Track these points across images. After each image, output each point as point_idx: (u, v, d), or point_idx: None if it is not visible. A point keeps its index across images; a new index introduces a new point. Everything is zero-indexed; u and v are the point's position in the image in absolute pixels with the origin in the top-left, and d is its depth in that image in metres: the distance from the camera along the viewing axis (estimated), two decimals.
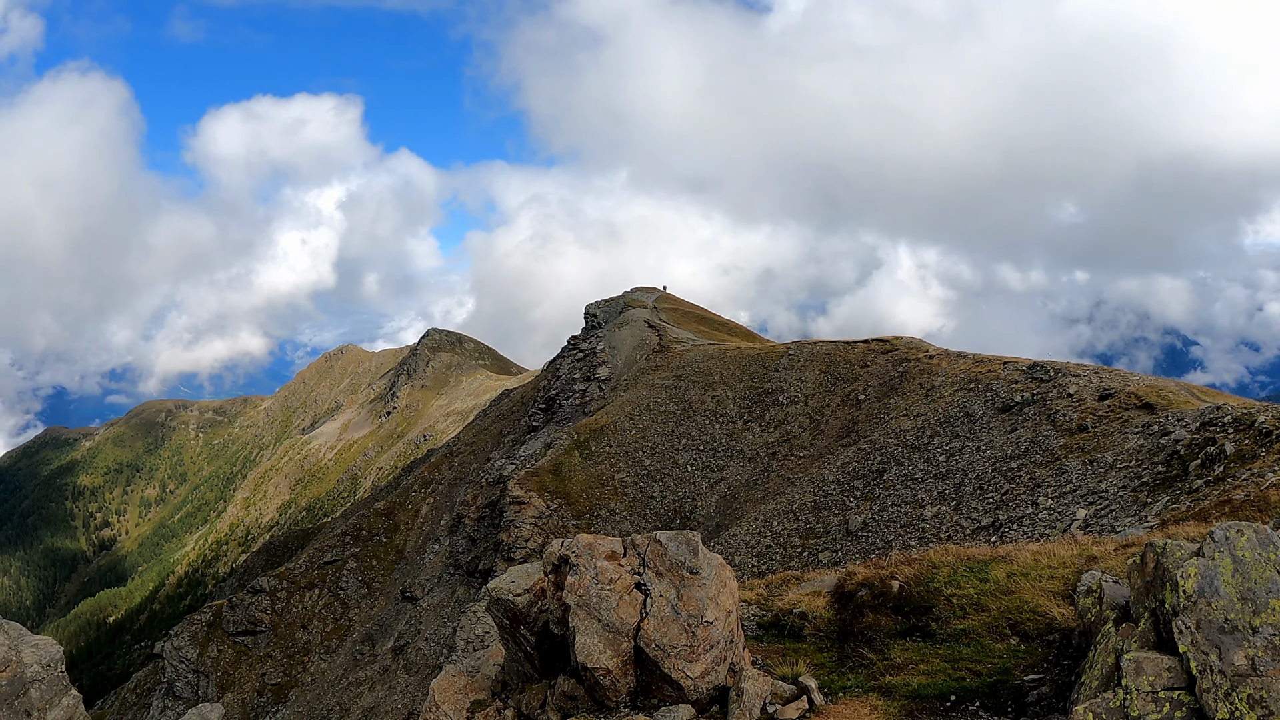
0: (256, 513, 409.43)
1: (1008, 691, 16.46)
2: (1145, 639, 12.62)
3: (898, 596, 20.88)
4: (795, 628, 21.51)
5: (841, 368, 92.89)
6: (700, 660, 16.40)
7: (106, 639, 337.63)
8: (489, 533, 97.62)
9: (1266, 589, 11.67)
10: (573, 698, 17.30)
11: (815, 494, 74.43)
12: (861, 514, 67.16)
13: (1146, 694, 11.64)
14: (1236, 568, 11.95)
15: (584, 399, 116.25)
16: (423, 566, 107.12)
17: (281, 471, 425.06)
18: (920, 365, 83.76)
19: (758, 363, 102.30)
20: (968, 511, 57.74)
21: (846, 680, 18.29)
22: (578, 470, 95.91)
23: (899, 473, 68.69)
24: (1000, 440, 63.39)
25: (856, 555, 60.80)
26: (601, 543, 17.79)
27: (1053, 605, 19.36)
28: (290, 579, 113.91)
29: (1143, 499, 44.07)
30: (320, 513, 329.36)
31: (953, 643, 18.94)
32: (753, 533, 74.88)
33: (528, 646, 18.88)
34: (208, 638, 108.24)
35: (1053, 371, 68.36)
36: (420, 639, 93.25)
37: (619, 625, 16.54)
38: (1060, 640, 17.89)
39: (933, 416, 72.82)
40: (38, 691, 16.99)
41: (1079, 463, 53.24)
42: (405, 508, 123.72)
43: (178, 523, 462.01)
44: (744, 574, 65.92)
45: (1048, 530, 46.53)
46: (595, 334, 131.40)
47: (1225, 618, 11.56)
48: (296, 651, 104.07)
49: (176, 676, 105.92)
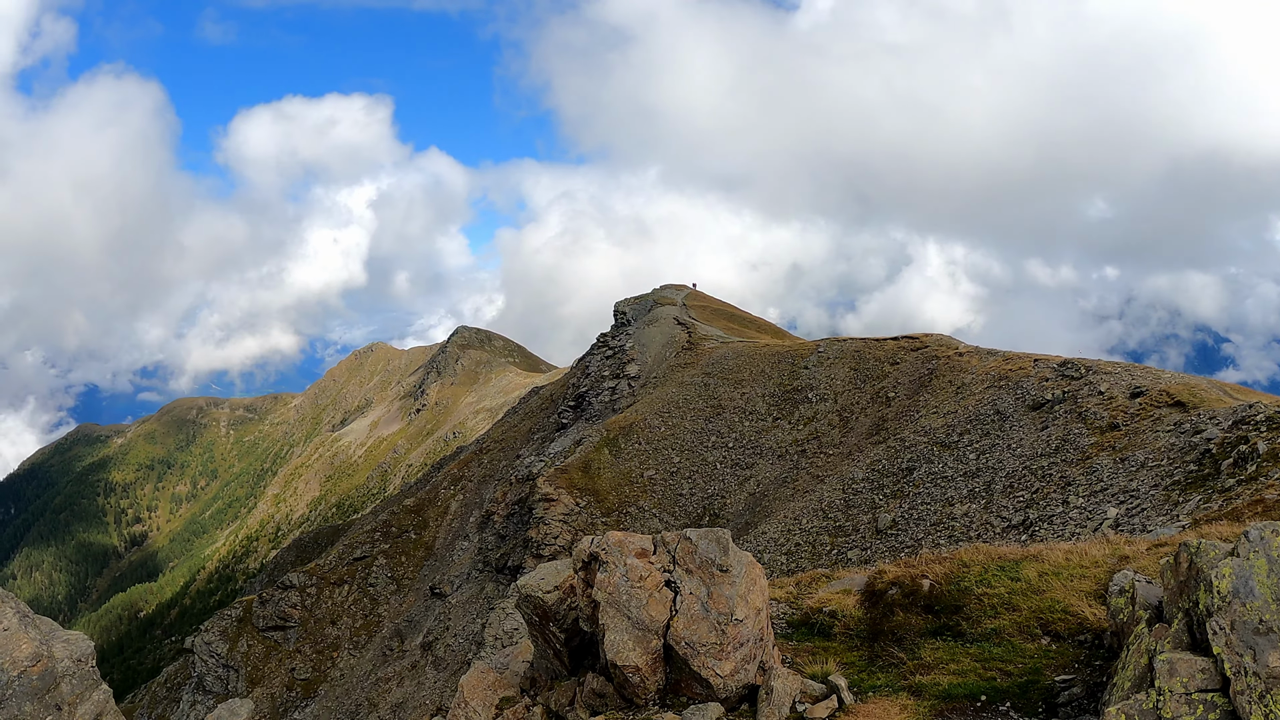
0: (287, 509, 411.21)
1: (1039, 692, 16.38)
2: (1179, 640, 12.53)
3: (928, 595, 20.80)
4: (825, 626, 21.45)
5: (871, 365, 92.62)
6: (730, 658, 16.37)
7: (137, 633, 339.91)
8: (518, 529, 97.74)
9: None
10: (601, 695, 17.30)
11: (844, 492, 74.24)
12: (891, 512, 66.95)
13: (1180, 696, 11.55)
14: (1271, 568, 11.83)
15: (613, 396, 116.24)
16: (452, 563, 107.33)
17: (312, 468, 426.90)
18: (950, 363, 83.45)
19: (787, 360, 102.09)
20: (998, 510, 57.48)
21: (876, 679, 18.23)
22: (607, 467, 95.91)
23: (929, 470, 68.46)
24: (1031, 438, 63.08)
25: (886, 553, 60.62)
26: (631, 540, 17.77)
27: (1084, 605, 19.25)
28: (320, 575, 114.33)
29: (1174, 498, 43.77)
30: (350, 509, 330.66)
31: (983, 642, 18.86)
32: (782, 530, 74.74)
33: (557, 643, 18.90)
34: (238, 633, 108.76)
35: (1084, 369, 67.99)
36: (449, 635, 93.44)
37: (648, 623, 16.53)
38: (1092, 641, 17.80)
39: (963, 414, 72.52)
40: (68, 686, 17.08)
41: (1110, 461, 52.93)
42: (435, 504, 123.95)
43: (209, 519, 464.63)
44: (773, 572, 65.79)
45: (1079, 529, 46.28)
46: (624, 331, 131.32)
47: (1260, 619, 11.44)
48: (326, 647, 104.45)
49: (206, 671, 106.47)
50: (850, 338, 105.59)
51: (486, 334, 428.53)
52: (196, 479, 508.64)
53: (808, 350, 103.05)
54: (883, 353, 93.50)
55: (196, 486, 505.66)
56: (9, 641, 16.05)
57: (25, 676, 15.88)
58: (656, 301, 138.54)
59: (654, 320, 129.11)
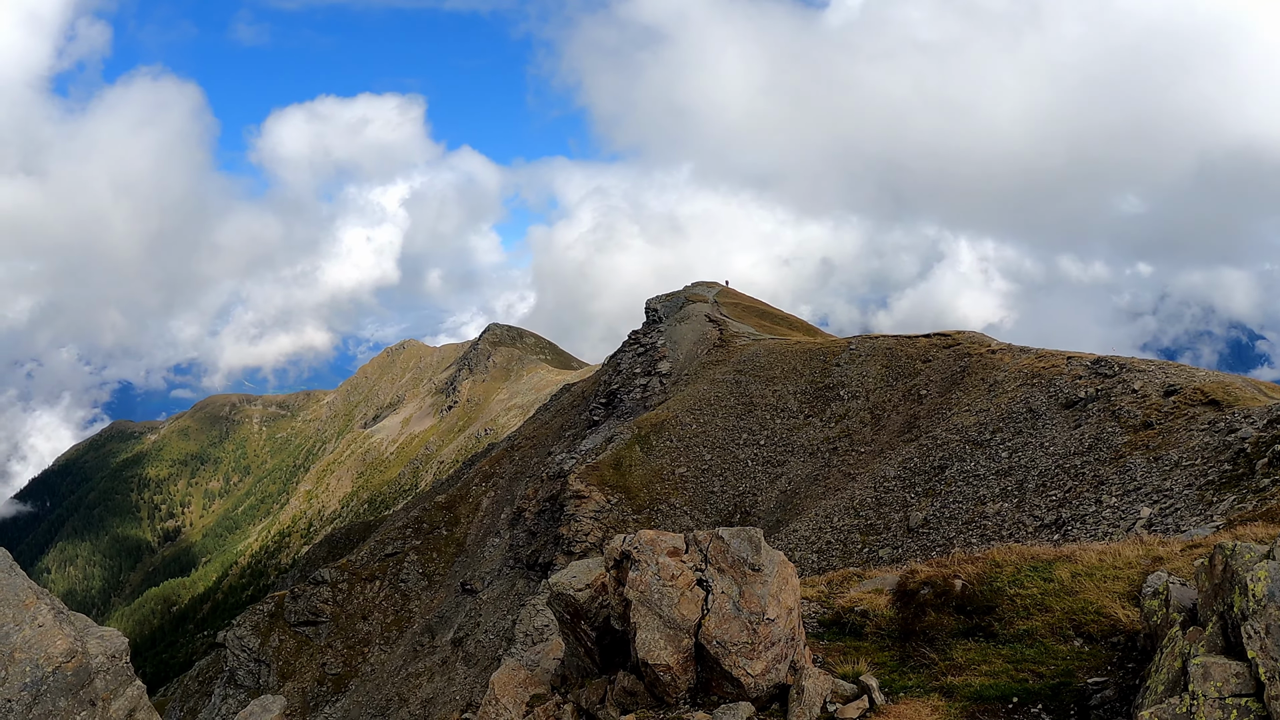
0: (319, 505, 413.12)
1: (1070, 694, 16.33)
2: (1213, 643, 12.46)
3: (960, 596, 20.76)
4: (857, 626, 21.43)
5: (903, 362, 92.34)
6: (761, 658, 16.38)
7: (170, 627, 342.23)
8: (549, 526, 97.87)
9: None
10: (632, 693, 17.33)
11: (876, 490, 74.05)
12: (923, 510, 66.75)
13: (1214, 700, 11.48)
14: None
15: (645, 393, 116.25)
16: (483, 559, 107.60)
17: (344, 464, 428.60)
18: (982, 360, 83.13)
19: (819, 357, 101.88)
20: (1030, 509, 57.23)
21: (908, 680, 18.22)
22: (638, 465, 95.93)
23: (961, 469, 68.22)
24: (1064, 437, 62.77)
25: (917, 552, 60.45)
26: (663, 539, 17.79)
27: (1117, 607, 19.19)
28: (351, 570, 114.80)
29: (1208, 498, 43.50)
30: (381, 505, 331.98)
31: (1016, 643, 18.83)
32: (813, 528, 74.60)
33: (588, 641, 18.94)
34: (269, 627, 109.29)
35: (1117, 367, 67.63)
36: (479, 631, 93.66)
37: (680, 622, 16.55)
38: (1125, 643, 17.73)
39: (995, 412, 72.23)
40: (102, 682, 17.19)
41: (1143, 460, 52.64)
42: (466, 501, 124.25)
43: (241, 514, 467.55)
44: (804, 570, 65.70)
45: (1111, 529, 46.04)
46: (656, 328, 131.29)
47: None
48: (357, 642, 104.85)
49: (238, 665, 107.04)
50: (882, 335, 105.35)
51: (518, 331, 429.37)
52: (229, 475, 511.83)
53: (839, 347, 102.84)
54: (915, 350, 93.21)
55: (229, 482, 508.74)
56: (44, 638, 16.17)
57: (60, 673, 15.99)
58: (688, 299, 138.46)
59: (686, 317, 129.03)
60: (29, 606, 16.44)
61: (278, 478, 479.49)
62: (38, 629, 16.23)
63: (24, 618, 16.20)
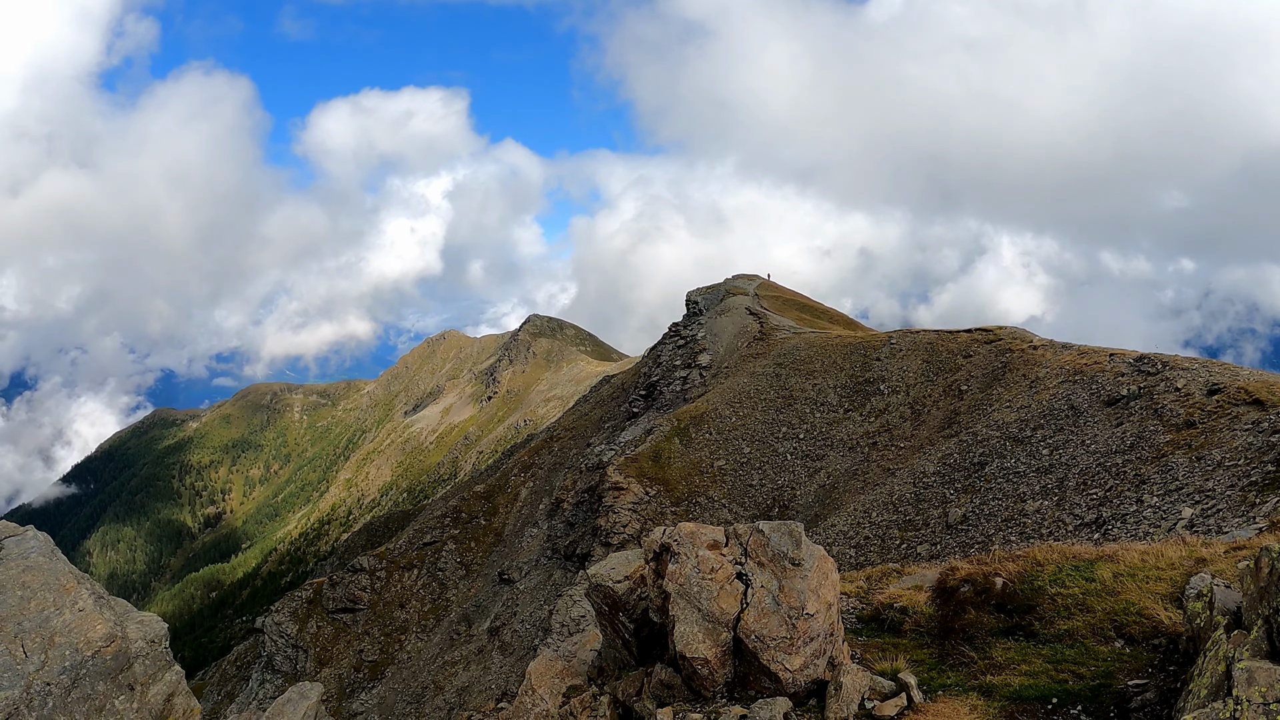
0: (358, 493, 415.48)
1: (1110, 696, 16.22)
2: (1258, 648, 12.34)
3: (1000, 594, 20.65)
4: (895, 623, 21.37)
5: (944, 357, 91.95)
6: (799, 653, 16.34)
7: (209, 612, 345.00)
8: (587, 517, 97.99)
9: None
10: (669, 686, 17.32)
11: (915, 485, 73.80)
12: (962, 507, 66.46)
13: (1258, 705, 11.35)
14: None
15: (685, 385, 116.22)
16: (520, 549, 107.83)
17: (383, 454, 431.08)
18: (1024, 356, 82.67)
19: (859, 351, 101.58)
20: (1070, 507, 56.89)
21: (946, 678, 18.14)
22: (677, 457, 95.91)
23: (1000, 466, 67.88)
24: (1105, 435, 62.35)
25: (955, 549, 60.22)
26: (703, 532, 17.78)
27: (1159, 608, 19.05)
28: (390, 559, 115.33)
29: (1251, 499, 43.12)
30: (420, 494, 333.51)
31: (1056, 643, 18.73)
32: (851, 523, 74.43)
33: (625, 633, 18.95)
34: (307, 614, 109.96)
35: (1160, 364, 67.11)
36: (516, 621, 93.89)
37: (718, 615, 16.53)
38: (1166, 645, 17.59)
39: (1036, 409, 71.83)
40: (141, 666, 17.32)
41: (1185, 460, 52.23)
42: (505, 491, 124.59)
43: (281, 502, 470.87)
44: (841, 565, 65.59)
45: (1152, 529, 45.72)
46: (696, 321, 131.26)
47: None
48: (394, 630, 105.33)
49: (276, 651, 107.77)
50: (923, 330, 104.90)
51: (558, 322, 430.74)
52: (270, 463, 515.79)
53: (880, 342, 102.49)
54: (955, 345, 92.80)
55: (270, 470, 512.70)
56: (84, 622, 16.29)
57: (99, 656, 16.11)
58: (728, 291, 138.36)
59: (726, 310, 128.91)
60: (69, 591, 16.57)
61: (318, 466, 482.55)
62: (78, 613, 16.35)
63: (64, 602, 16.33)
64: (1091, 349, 78.60)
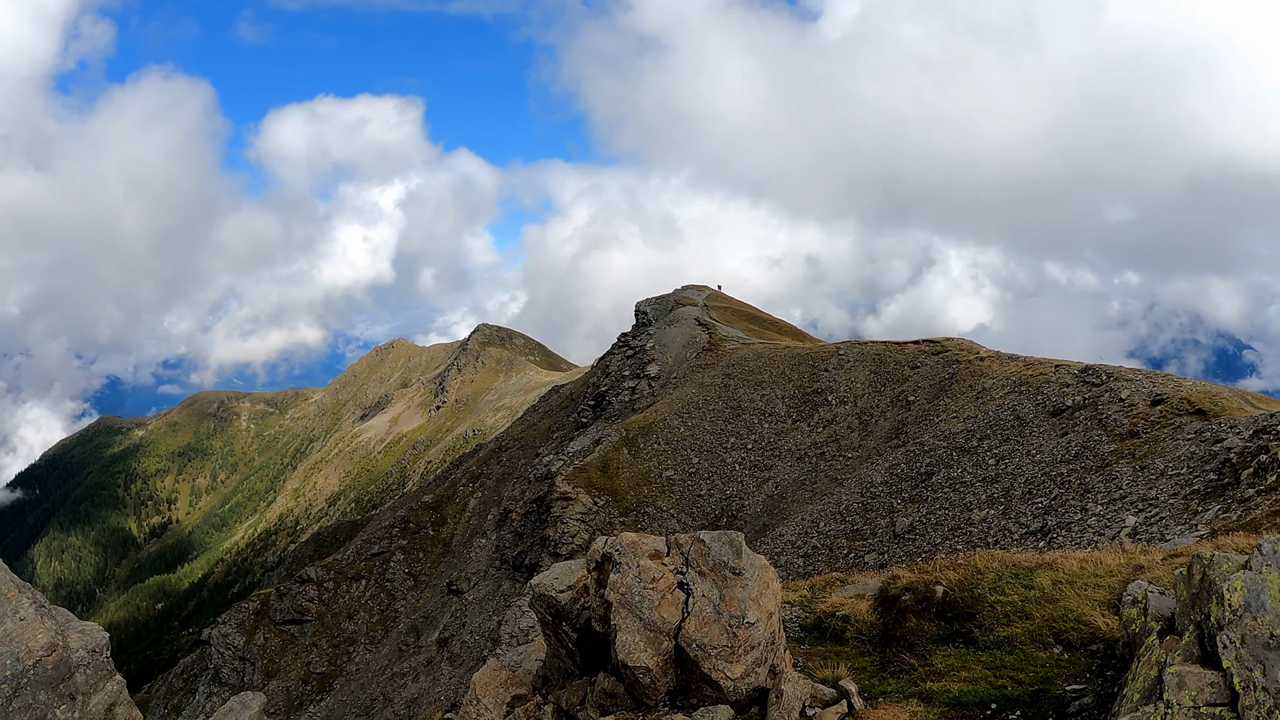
0: (305, 503, 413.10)
1: (1049, 701, 16.36)
2: (1189, 653, 12.49)
3: (941, 602, 20.80)
4: (837, 630, 21.49)
5: (891, 368, 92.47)
6: (740, 661, 16.39)
7: (155, 624, 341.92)
8: (535, 528, 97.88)
9: None
10: (612, 695, 17.33)
11: (863, 495, 74.17)
12: (909, 516, 66.85)
13: (1188, 709, 11.50)
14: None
15: (633, 396, 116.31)
16: (469, 560, 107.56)
17: (331, 463, 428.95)
18: (971, 367, 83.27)
19: (807, 362, 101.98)
20: (1016, 516, 57.35)
21: (887, 685, 18.26)
22: (625, 467, 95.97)
23: (947, 475, 68.34)
24: (1050, 444, 62.90)
25: (903, 558, 60.55)
26: (645, 541, 17.82)
27: (1098, 615, 19.24)
28: (337, 569, 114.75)
29: (1193, 507, 43.62)
30: (369, 504, 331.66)
31: (995, 650, 18.88)
32: (799, 533, 74.71)
33: (569, 643, 18.95)
34: (254, 625, 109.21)
35: (1105, 375, 67.75)
36: (465, 632, 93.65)
37: (660, 624, 16.56)
38: (1104, 651, 17.77)
39: (982, 419, 72.38)
40: (83, 676, 17.16)
41: (1129, 469, 52.76)
42: (453, 501, 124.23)
43: (228, 511, 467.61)
44: (790, 574, 65.78)
45: (1096, 537, 46.15)
46: (645, 331, 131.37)
47: (1271, 634, 11.38)
48: (342, 641, 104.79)
49: (223, 663, 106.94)
50: (871, 340, 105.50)
51: (508, 331, 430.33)
52: (217, 472, 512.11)
53: (828, 353, 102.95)
54: (903, 356, 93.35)
55: (217, 479, 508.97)
56: (25, 631, 16.14)
57: (40, 666, 15.96)
58: (678, 301, 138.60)
59: (675, 320, 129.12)
60: (10, 599, 16.41)
61: (265, 475, 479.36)
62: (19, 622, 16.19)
63: (5, 610, 16.17)
64: (1037, 360, 79.31)
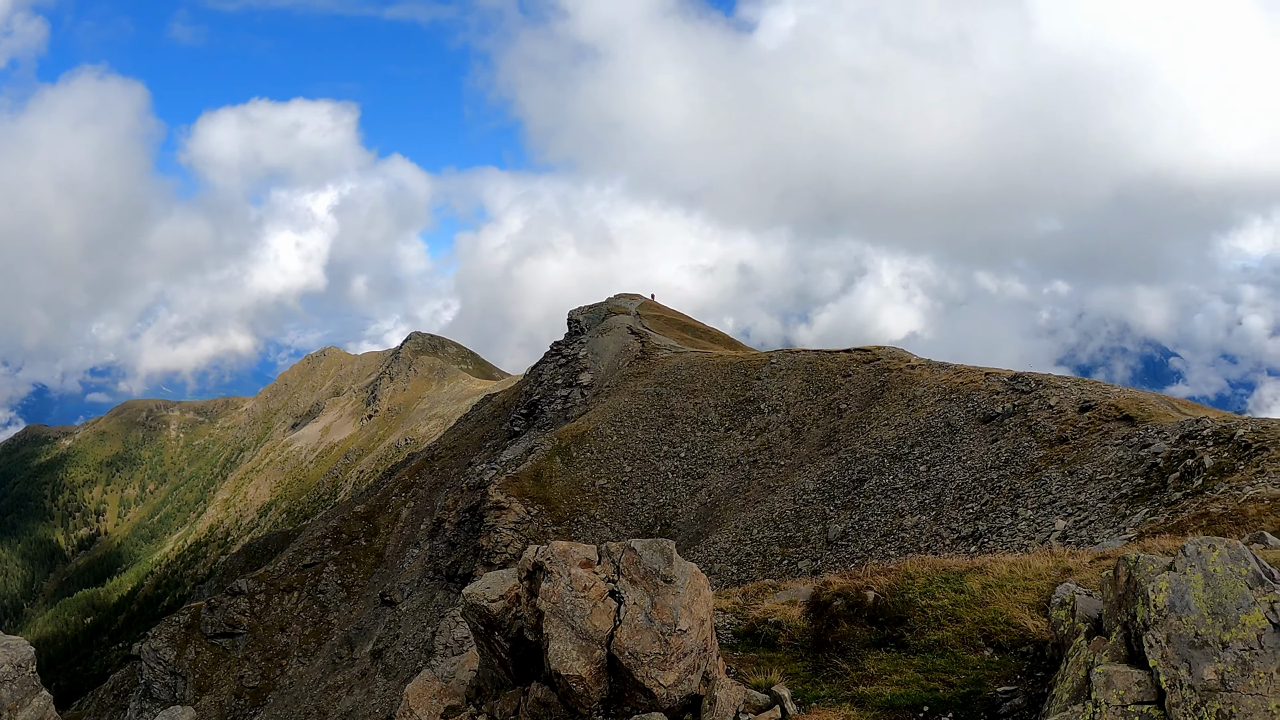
0: (236, 514, 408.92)
1: (980, 703, 16.47)
2: (1116, 652, 12.63)
3: (872, 607, 20.92)
4: (770, 637, 21.51)
5: (823, 377, 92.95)
6: (673, 668, 16.36)
7: (84, 639, 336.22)
8: (469, 538, 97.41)
9: (1237, 604, 11.68)
10: (545, 704, 17.25)
11: (795, 502, 74.45)
12: (841, 523, 67.19)
13: (1116, 708, 11.63)
14: (1208, 582, 11.96)
15: (566, 405, 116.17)
16: (402, 571, 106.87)
17: (262, 473, 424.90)
18: (902, 375, 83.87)
19: (740, 371, 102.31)
20: (948, 521, 57.79)
21: (820, 690, 18.30)
22: (558, 476, 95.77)
23: (879, 482, 68.76)
24: (981, 451, 63.47)
25: (836, 564, 60.80)
26: (576, 550, 17.76)
27: (1027, 617, 19.44)
28: (269, 581, 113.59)
29: (1121, 511, 44.15)
30: (300, 515, 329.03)
31: (927, 653, 19.01)
32: (733, 540, 74.87)
33: (502, 653, 18.84)
34: (186, 639, 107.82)
35: (1034, 383, 68.49)
36: (399, 643, 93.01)
37: (592, 633, 16.51)
38: (1034, 652, 17.94)
39: (914, 426, 72.90)
40: (8, 691, 16.91)
41: (1059, 474, 53.33)
42: (385, 511, 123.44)
43: (157, 523, 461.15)
44: (724, 582, 65.92)
45: (1027, 541, 46.58)
46: (578, 340, 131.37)
47: (1195, 632, 11.56)
48: (275, 654, 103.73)
49: (154, 678, 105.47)
50: (803, 349, 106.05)
51: (440, 340, 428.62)
52: (146, 483, 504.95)
53: (761, 361, 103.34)
54: (835, 364, 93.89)
55: (146, 490, 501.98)
56: None
57: None
58: (610, 310, 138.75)
59: (608, 329, 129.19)
60: None
61: (195, 485, 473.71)
62: None
63: None
64: (968, 368, 79.99)
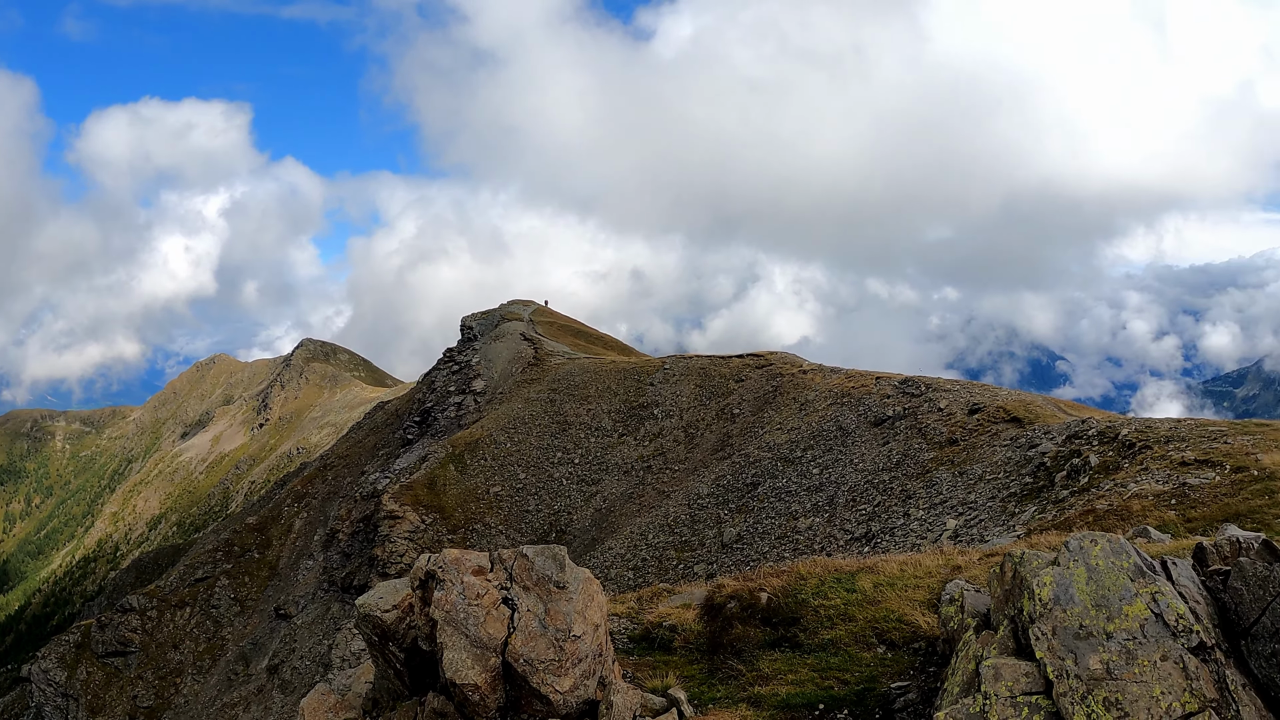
0: (125, 528, 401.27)
1: (875, 699, 16.66)
2: (1004, 646, 12.87)
3: (766, 608, 21.06)
4: (665, 640, 21.57)
5: (716, 382, 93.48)
6: (568, 674, 16.36)
7: None
8: (363, 548, 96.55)
9: (1119, 595, 11.97)
10: (442, 714, 17.16)
11: (690, 507, 74.76)
12: (736, 526, 67.58)
13: (1005, 699, 11.85)
14: (1090, 575, 12.25)
15: (459, 412, 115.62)
16: (297, 583, 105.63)
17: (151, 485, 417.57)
18: (794, 380, 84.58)
19: (633, 377, 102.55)
20: (841, 523, 58.36)
21: (716, 692, 18.37)
22: (453, 484, 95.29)
23: (773, 485, 69.28)
24: (873, 453, 64.18)
25: (731, 567, 61.16)
26: (468, 558, 17.70)
27: (918, 614, 19.70)
28: (160, 597, 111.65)
29: (1011, 509, 44.90)
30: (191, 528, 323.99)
31: (820, 652, 19.17)
32: (628, 546, 75.00)
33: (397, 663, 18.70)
34: (76, 659, 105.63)
35: (924, 386, 69.42)
36: (295, 657, 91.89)
37: (486, 641, 16.45)
38: (926, 648, 18.20)
39: (806, 430, 73.54)
40: None
41: (949, 475, 54.12)
42: (278, 523, 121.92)
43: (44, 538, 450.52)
44: (620, 587, 65.97)
45: (919, 540, 47.17)
46: (471, 346, 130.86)
47: (1080, 624, 11.82)
48: (169, 672, 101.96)
49: (45, 701, 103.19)
50: (696, 355, 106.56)
51: (332, 347, 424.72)
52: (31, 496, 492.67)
53: (654, 367, 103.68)
54: (728, 370, 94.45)
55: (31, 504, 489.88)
56: None
57: None
58: (504, 316, 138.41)
59: (501, 335, 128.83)
60: None
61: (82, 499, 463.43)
62: None
63: None
64: (859, 373, 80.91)
